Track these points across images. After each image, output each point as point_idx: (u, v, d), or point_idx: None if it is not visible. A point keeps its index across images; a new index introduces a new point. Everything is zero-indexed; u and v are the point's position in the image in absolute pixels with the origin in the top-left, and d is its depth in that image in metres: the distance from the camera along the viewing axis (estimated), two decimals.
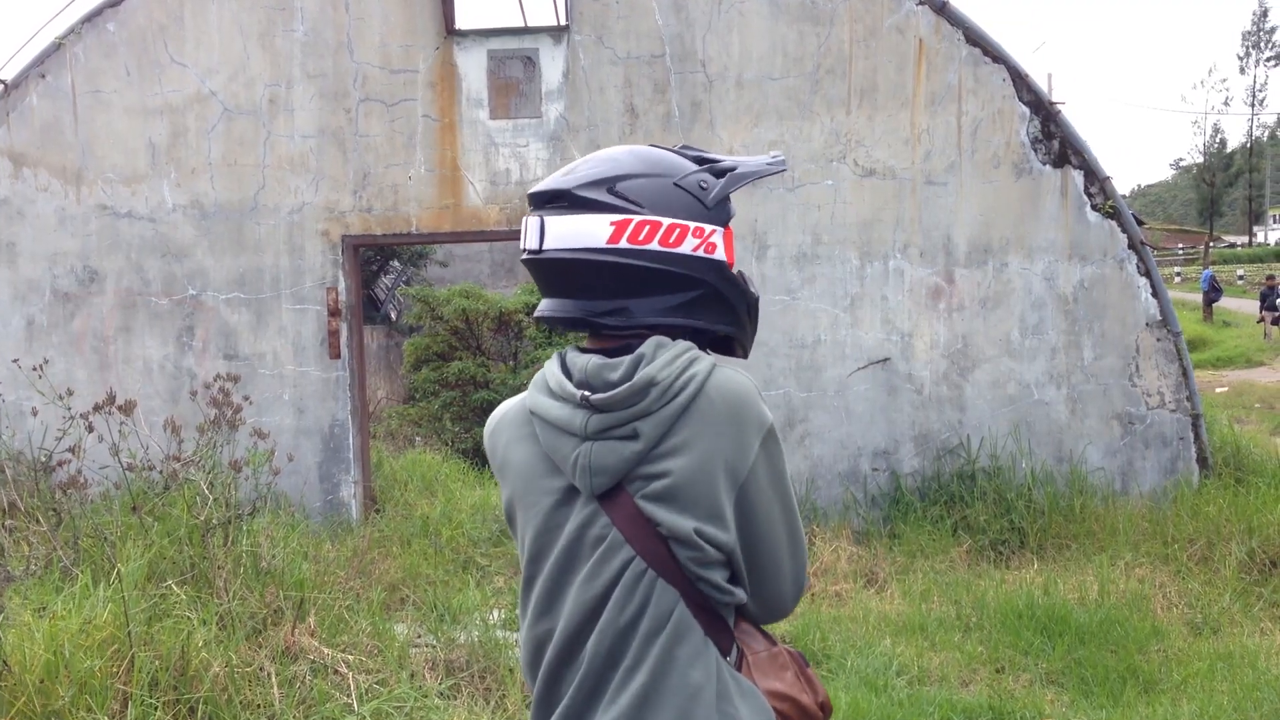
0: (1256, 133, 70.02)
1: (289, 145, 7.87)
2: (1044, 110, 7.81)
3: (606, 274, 1.75)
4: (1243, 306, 32.97)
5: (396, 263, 20.29)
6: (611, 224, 1.73)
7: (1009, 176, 7.84)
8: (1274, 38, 67.59)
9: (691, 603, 1.71)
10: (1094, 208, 7.83)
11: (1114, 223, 7.82)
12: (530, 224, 1.79)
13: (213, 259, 7.88)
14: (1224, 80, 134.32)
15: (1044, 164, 7.83)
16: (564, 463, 1.74)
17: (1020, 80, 7.81)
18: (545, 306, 1.85)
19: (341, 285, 7.89)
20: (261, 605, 4.97)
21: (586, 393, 1.72)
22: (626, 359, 1.72)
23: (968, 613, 6.05)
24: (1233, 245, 63.70)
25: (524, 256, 1.83)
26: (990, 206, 7.85)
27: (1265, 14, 69.37)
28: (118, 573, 4.36)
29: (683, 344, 1.74)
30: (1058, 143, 7.82)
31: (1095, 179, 7.83)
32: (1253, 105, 74.79)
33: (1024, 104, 7.81)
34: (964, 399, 7.89)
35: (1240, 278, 42.62)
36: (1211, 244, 54.80)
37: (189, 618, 4.42)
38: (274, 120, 7.87)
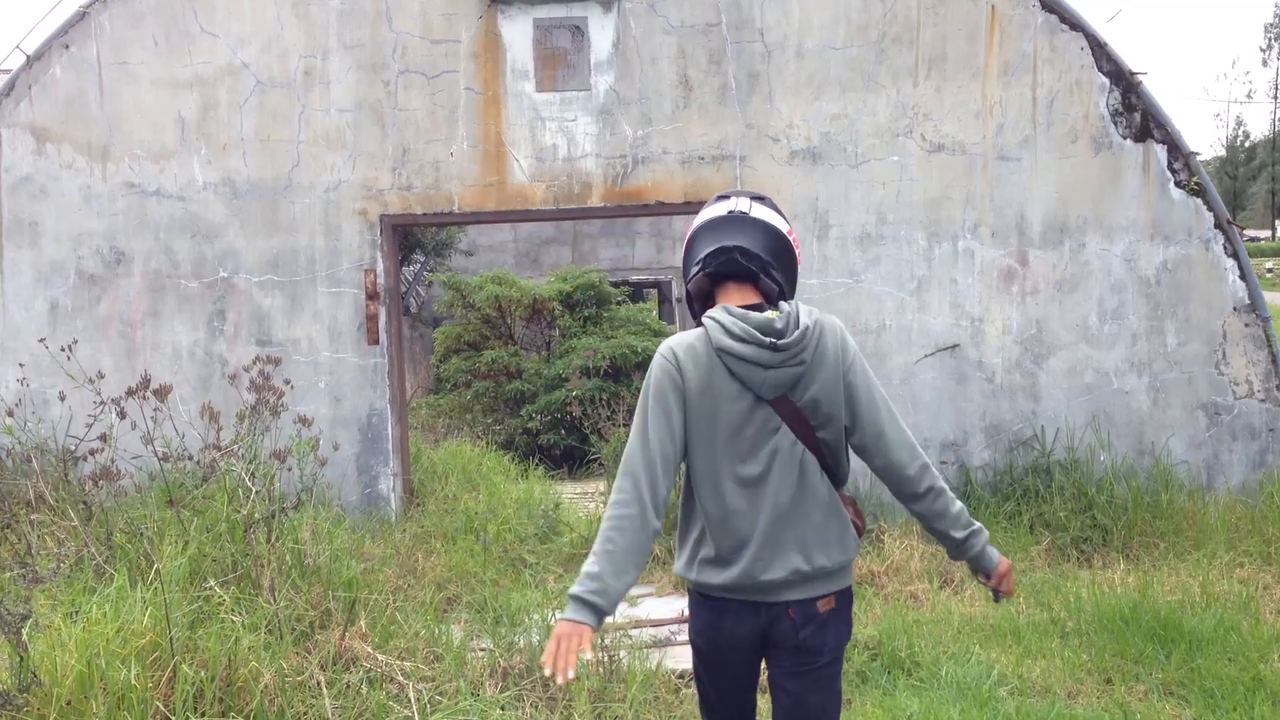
0: (1279, 126, 68.93)
1: (325, 120, 7.46)
2: (1125, 81, 7.34)
3: (779, 244, 2.81)
4: (1275, 300, 32.36)
5: (419, 253, 19.88)
6: (788, 226, 2.85)
7: (1087, 151, 7.37)
8: None
9: (819, 458, 2.77)
10: (1178, 184, 7.37)
11: (1199, 200, 7.36)
12: (739, 201, 2.83)
13: (245, 240, 7.48)
14: (1247, 73, 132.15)
15: (1124, 138, 7.36)
16: (753, 382, 2.69)
17: (1099, 49, 7.34)
18: (729, 242, 2.77)
19: (380, 267, 7.48)
20: (309, 607, 4.57)
21: (774, 340, 2.67)
22: (782, 315, 2.72)
23: (1062, 617, 5.61)
24: (1255, 239, 62.89)
25: (723, 215, 2.81)
26: (1067, 183, 7.38)
27: None
28: (156, 572, 3.96)
29: (799, 303, 2.78)
30: (1139, 115, 7.36)
31: (1179, 154, 7.37)
32: (1275, 98, 73.59)
33: (1103, 74, 7.34)
34: (1038, 388, 7.44)
35: (1269, 270, 41.97)
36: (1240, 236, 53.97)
37: (234, 621, 4.02)
38: (309, 93, 7.46)
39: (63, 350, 5.98)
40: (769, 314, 2.68)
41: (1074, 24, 7.35)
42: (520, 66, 7.48)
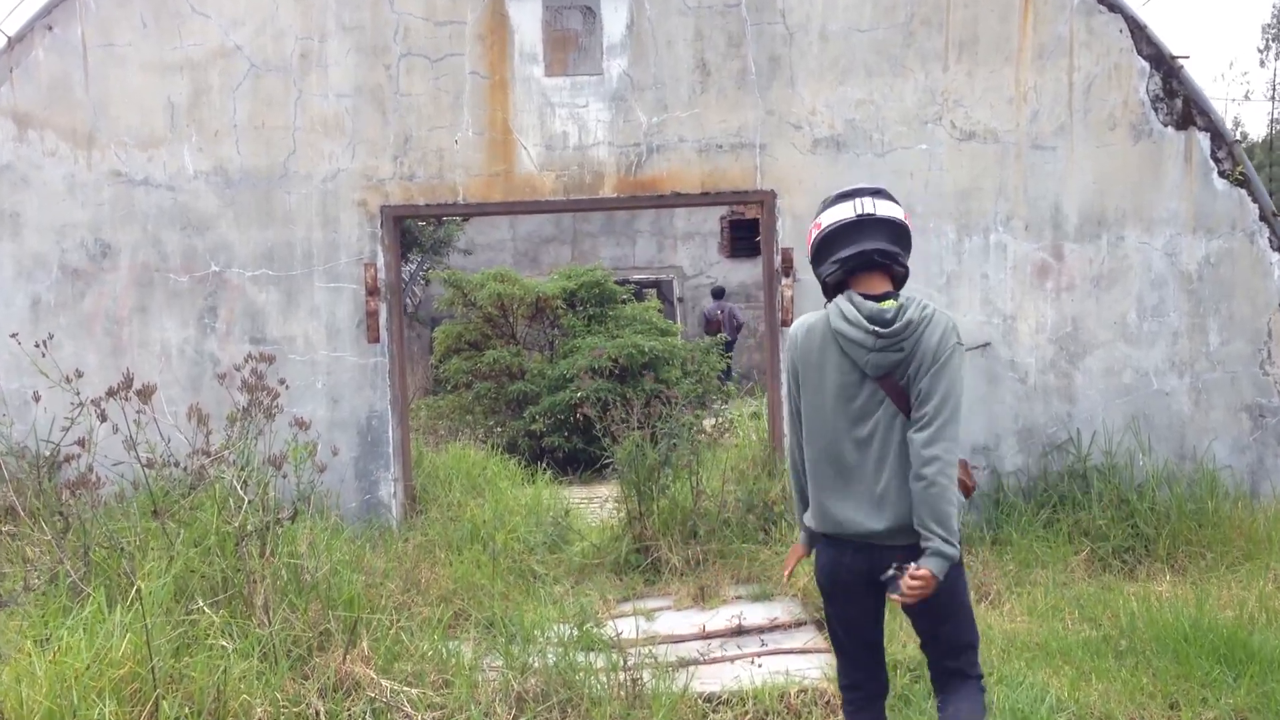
0: (1277, 127, 68.80)
1: (322, 105, 7.07)
2: (1165, 65, 6.98)
3: (903, 234, 3.29)
4: None
5: (416, 252, 19.45)
6: (904, 212, 3.33)
7: (1126, 139, 7.01)
8: None
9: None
10: (1221, 174, 7.00)
11: (1244, 191, 6.99)
12: (863, 202, 3.25)
13: (238, 232, 7.08)
14: (1245, 74, 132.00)
15: (1165, 125, 7.00)
16: (859, 361, 3.21)
17: (1139, 31, 6.98)
18: (866, 245, 3.23)
19: (380, 261, 7.09)
20: (306, 628, 4.18)
21: (878, 328, 3.16)
22: (894, 306, 3.20)
23: (1113, 634, 5.23)
24: None
25: (853, 219, 3.24)
26: (1105, 173, 7.02)
27: None
28: (138, 591, 3.56)
29: (921, 298, 3.26)
30: (1180, 102, 7.00)
31: (1223, 142, 7.01)
32: (1273, 99, 73.35)
33: (1143, 58, 6.98)
34: (1074, 389, 7.07)
35: None
36: None
37: (224, 647, 3.62)
38: (306, 77, 7.06)
39: (37, 346, 5.56)
40: (884, 304, 3.17)
41: (1112, 5, 6.99)
42: (529, 49, 7.10)
